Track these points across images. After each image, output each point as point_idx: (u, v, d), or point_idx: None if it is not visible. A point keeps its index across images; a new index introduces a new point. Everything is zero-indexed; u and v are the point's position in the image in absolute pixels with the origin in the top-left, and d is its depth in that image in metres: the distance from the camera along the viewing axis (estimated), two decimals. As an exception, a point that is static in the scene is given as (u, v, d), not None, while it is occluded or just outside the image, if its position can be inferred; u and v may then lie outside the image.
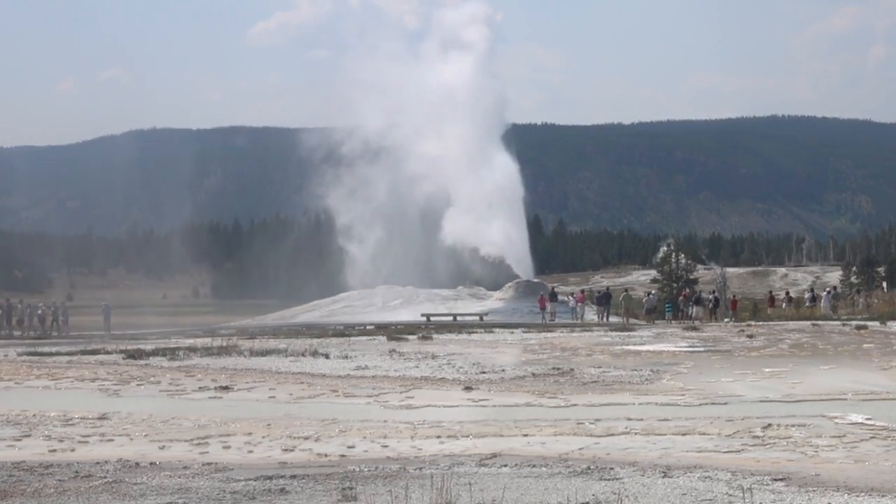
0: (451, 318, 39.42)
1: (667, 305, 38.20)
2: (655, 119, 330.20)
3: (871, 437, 9.64)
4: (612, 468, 8.17)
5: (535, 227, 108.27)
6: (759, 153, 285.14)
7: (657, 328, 29.51)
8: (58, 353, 21.86)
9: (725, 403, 12.45)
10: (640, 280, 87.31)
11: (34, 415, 12.10)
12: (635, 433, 10.17)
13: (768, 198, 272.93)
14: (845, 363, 17.07)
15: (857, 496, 7.00)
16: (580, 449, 9.27)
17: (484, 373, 16.46)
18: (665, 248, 64.44)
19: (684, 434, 10.05)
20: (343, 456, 9.18)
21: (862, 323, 26.99)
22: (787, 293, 42.78)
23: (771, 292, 42.00)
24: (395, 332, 28.27)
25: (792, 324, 28.77)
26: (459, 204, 61.64)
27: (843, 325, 26.80)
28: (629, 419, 11.07)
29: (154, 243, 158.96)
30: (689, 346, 21.27)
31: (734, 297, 39.39)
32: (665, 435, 10.01)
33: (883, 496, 7.00)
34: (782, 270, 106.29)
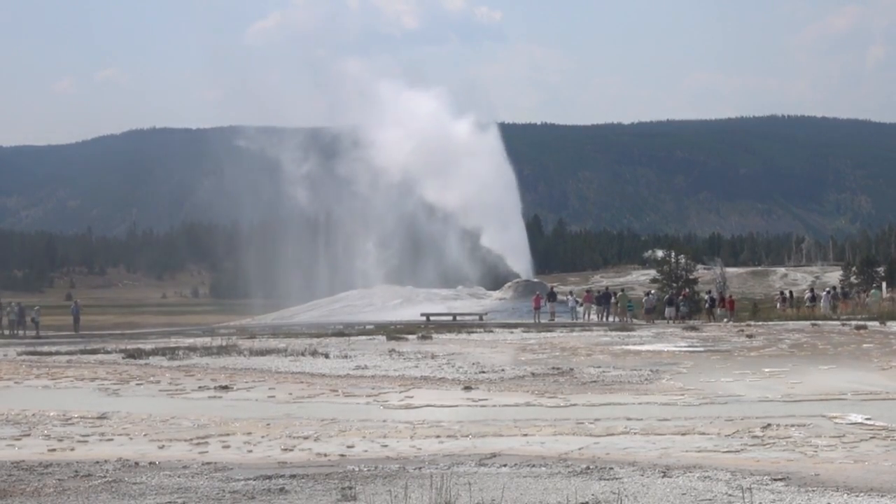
0: (450, 318, 39.42)
1: (628, 304, 38.36)
2: (655, 119, 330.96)
3: (871, 437, 9.64)
4: (611, 468, 8.17)
5: (534, 227, 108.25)
6: (759, 153, 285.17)
7: (657, 328, 29.50)
8: (57, 353, 21.87)
9: (725, 403, 12.45)
10: (640, 280, 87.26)
11: (34, 414, 12.10)
12: (635, 433, 10.16)
13: (768, 198, 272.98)
14: (845, 363, 17.07)
15: (857, 496, 7.00)
16: (579, 449, 9.26)
17: (483, 372, 16.46)
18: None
19: (684, 434, 10.05)
20: (342, 455, 9.17)
21: (861, 323, 27.00)
22: (782, 293, 42.75)
23: (721, 293, 41.31)
24: (394, 331, 28.26)
25: (791, 324, 28.77)
26: (459, 204, 61.64)
27: (843, 325, 26.81)
28: (629, 419, 11.07)
29: (153, 243, 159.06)
30: (689, 346, 21.28)
31: (731, 296, 39.30)
32: (664, 435, 10.01)
33: (882, 496, 7.00)
34: (782, 270, 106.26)
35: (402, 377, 15.98)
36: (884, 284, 45.59)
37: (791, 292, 43.59)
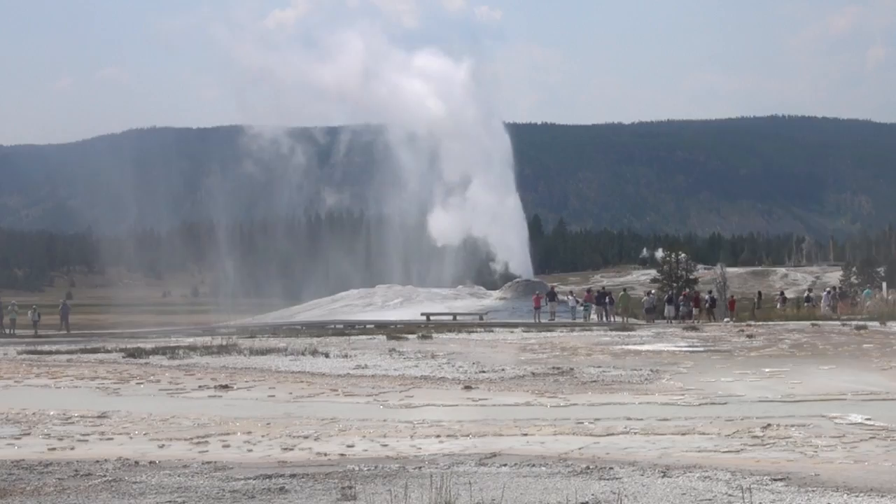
0: (450, 318, 39.39)
1: (586, 304, 38.37)
2: (655, 119, 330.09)
3: (871, 438, 9.64)
4: (611, 468, 8.17)
5: (534, 227, 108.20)
6: (759, 153, 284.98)
7: (657, 328, 29.49)
8: (57, 352, 21.87)
9: (725, 403, 12.45)
10: (640, 280, 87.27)
11: (34, 413, 12.10)
12: (635, 433, 10.17)
13: (768, 198, 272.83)
14: (845, 363, 17.07)
15: (857, 496, 7.00)
16: (580, 448, 9.26)
17: (483, 372, 16.46)
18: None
19: (684, 434, 10.05)
20: (343, 455, 9.17)
21: (861, 323, 26.99)
22: (782, 293, 42.74)
23: (700, 293, 40.84)
24: (394, 331, 28.26)
25: (792, 324, 28.76)
26: (458, 203, 61.68)
27: (843, 325, 26.80)
28: (629, 419, 11.07)
29: (154, 242, 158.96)
30: (689, 346, 21.28)
31: (732, 295, 39.37)
32: (664, 435, 10.01)
33: (882, 496, 7.00)
34: (782, 270, 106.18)
35: (403, 377, 15.98)
36: (884, 284, 45.64)
37: (760, 293, 43.82)
